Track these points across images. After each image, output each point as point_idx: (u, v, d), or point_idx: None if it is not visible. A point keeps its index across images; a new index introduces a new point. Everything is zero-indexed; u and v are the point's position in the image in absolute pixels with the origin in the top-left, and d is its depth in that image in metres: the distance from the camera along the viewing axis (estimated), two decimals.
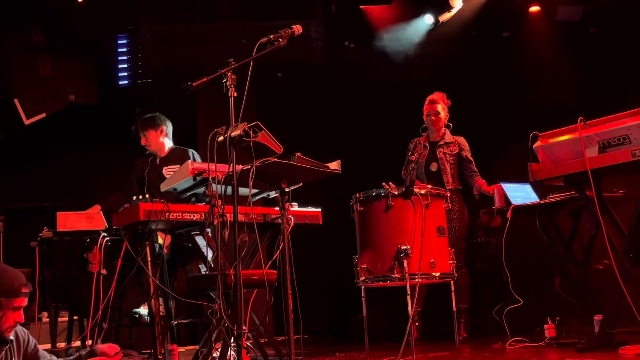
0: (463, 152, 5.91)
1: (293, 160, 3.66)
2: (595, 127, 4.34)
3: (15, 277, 3.16)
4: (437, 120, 5.89)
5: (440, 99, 5.92)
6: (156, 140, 5.66)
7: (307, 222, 4.86)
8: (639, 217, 4.32)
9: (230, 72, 3.49)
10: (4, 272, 3.14)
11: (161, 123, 5.71)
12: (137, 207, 4.21)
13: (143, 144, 5.67)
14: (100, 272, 4.52)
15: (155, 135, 5.66)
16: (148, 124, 5.66)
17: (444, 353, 4.78)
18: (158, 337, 4.47)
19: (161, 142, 5.68)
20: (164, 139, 5.70)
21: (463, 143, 5.96)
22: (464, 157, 5.91)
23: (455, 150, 5.89)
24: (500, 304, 5.25)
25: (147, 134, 5.64)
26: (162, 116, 5.78)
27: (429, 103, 5.94)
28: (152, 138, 5.65)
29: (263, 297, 4.40)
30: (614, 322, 4.37)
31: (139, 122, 5.70)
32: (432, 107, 5.91)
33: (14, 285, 3.13)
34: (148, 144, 5.67)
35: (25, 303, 3.19)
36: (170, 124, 5.81)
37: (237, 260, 3.37)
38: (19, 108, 7.07)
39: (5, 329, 3.13)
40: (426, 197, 3.79)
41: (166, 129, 5.73)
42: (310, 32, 6.94)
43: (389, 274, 3.69)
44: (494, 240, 6.41)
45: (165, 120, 5.76)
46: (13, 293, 3.12)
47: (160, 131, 5.68)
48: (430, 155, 5.92)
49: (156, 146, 5.67)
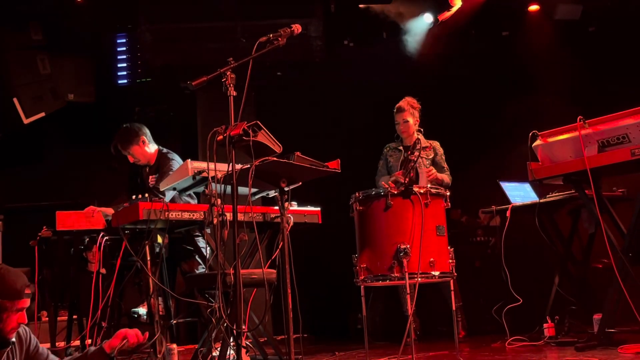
0: (437, 157, 5.86)
1: (292, 160, 3.65)
2: (594, 126, 4.35)
3: (17, 278, 3.15)
4: (405, 127, 5.85)
5: (408, 105, 5.86)
6: (143, 152, 5.48)
7: (306, 221, 4.86)
8: (638, 216, 4.32)
9: (229, 71, 3.49)
10: (6, 274, 3.13)
11: (139, 133, 5.46)
12: (136, 207, 4.20)
13: (132, 161, 5.53)
14: (99, 271, 4.52)
15: (139, 148, 5.46)
16: (129, 141, 5.44)
17: (444, 352, 4.79)
18: (157, 336, 4.46)
19: (147, 152, 5.50)
20: (148, 144, 5.50)
21: (437, 148, 5.88)
22: (437, 161, 5.85)
23: (430, 154, 5.85)
24: (499, 303, 5.25)
25: (131, 151, 5.46)
26: (134, 125, 5.53)
27: (396, 111, 5.90)
28: (138, 152, 5.47)
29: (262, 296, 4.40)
30: (613, 321, 4.38)
31: (117, 142, 5.46)
32: (400, 115, 5.87)
33: (17, 286, 3.12)
34: (137, 160, 5.51)
35: (27, 304, 3.18)
36: (145, 127, 5.56)
37: (237, 260, 3.37)
38: (18, 107, 7.07)
39: (9, 331, 3.13)
40: (425, 196, 3.79)
41: (146, 136, 5.50)
42: (310, 31, 6.94)
43: (389, 273, 3.69)
44: (493, 240, 6.41)
45: (140, 128, 5.51)
46: (17, 295, 3.11)
47: (142, 142, 5.46)
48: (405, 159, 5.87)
49: (145, 158, 5.51)
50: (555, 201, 5.26)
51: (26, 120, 7.12)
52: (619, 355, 3.93)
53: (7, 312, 3.08)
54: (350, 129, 7.74)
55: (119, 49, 7.90)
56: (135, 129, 5.47)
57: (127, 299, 5.14)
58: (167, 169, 5.31)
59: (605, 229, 4.37)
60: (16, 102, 7.07)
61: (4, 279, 3.10)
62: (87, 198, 5.52)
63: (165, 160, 5.44)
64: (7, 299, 3.08)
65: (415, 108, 5.90)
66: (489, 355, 4.52)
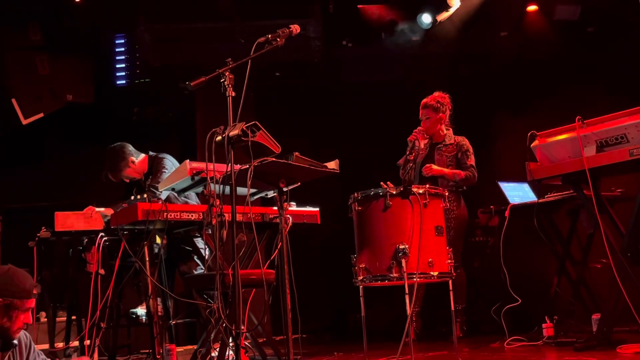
0: (460, 153, 5.82)
1: (291, 160, 3.66)
2: (593, 127, 4.35)
3: (26, 278, 3.20)
4: (427, 124, 5.83)
5: (434, 100, 5.83)
6: (135, 170, 5.47)
7: (305, 221, 4.86)
8: (637, 216, 4.33)
9: (228, 71, 3.49)
10: (15, 274, 3.18)
11: (126, 155, 5.41)
12: (135, 207, 4.21)
13: (128, 182, 5.50)
14: (98, 272, 4.52)
15: (131, 170, 5.44)
16: (118, 168, 5.39)
17: (442, 352, 4.79)
18: (156, 337, 4.47)
19: (139, 166, 5.48)
20: (137, 160, 5.47)
21: (462, 144, 5.83)
22: (460, 159, 5.81)
23: (453, 152, 5.82)
24: (498, 303, 5.26)
25: (124, 174, 5.44)
26: (116, 146, 5.44)
27: (421, 107, 5.87)
28: (131, 172, 5.46)
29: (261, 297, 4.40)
30: (612, 321, 4.38)
31: (108, 172, 5.41)
32: (423, 111, 5.84)
33: (26, 286, 3.18)
34: (133, 179, 5.50)
35: (34, 304, 3.23)
36: (126, 144, 5.47)
37: (236, 260, 3.37)
38: (17, 108, 7.06)
39: (15, 330, 3.16)
40: (424, 196, 3.79)
41: (132, 154, 5.44)
42: (308, 31, 6.94)
43: (387, 273, 3.69)
44: (492, 240, 6.41)
45: (122, 148, 5.43)
46: (26, 294, 3.17)
47: (132, 162, 5.43)
48: (428, 156, 5.88)
49: (140, 174, 5.50)
50: (554, 201, 5.27)
51: (25, 121, 7.11)
52: (617, 355, 3.93)
53: (17, 311, 3.14)
54: (349, 129, 7.74)
55: (117, 49, 7.90)
56: (119, 152, 5.41)
57: (126, 300, 5.14)
58: (160, 167, 5.32)
59: (603, 229, 4.37)
60: (15, 103, 7.06)
61: (13, 279, 3.16)
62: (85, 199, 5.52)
63: (157, 160, 5.44)
64: (17, 298, 3.13)
65: (443, 104, 5.84)
66: (488, 356, 4.52)
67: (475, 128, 6.95)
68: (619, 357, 3.89)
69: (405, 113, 6.44)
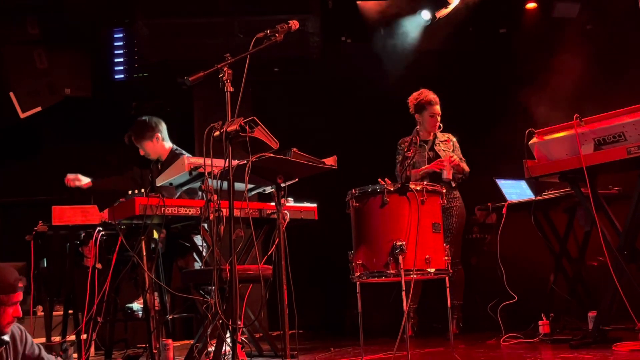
0: (454, 149, 5.91)
1: (289, 156, 3.66)
2: (590, 124, 4.35)
3: (10, 272, 3.19)
4: (435, 121, 5.86)
5: (436, 98, 5.88)
6: (155, 149, 5.47)
7: (302, 217, 4.87)
8: (634, 214, 4.34)
9: (226, 66, 3.49)
10: None
11: (155, 129, 5.43)
12: (132, 202, 4.20)
13: (142, 154, 5.49)
14: (95, 266, 4.52)
15: (152, 144, 5.45)
16: (143, 136, 5.41)
17: (439, 349, 4.80)
18: (153, 331, 4.47)
19: (160, 148, 5.48)
20: (162, 142, 5.48)
21: (453, 140, 5.96)
22: (454, 153, 5.89)
23: (450, 147, 5.90)
24: (494, 300, 5.27)
25: (144, 145, 5.44)
26: (153, 120, 5.48)
27: (429, 104, 5.86)
28: (151, 148, 5.46)
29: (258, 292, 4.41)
30: (608, 319, 4.39)
31: (132, 134, 5.43)
32: (434, 108, 5.85)
33: (11, 280, 3.17)
34: (147, 154, 5.48)
35: (21, 297, 3.23)
36: (163, 123, 5.55)
37: (233, 255, 3.37)
38: (15, 102, 7.05)
39: (5, 325, 3.16)
40: (422, 193, 3.79)
41: (161, 133, 5.47)
42: (307, 27, 6.93)
43: (384, 269, 3.69)
44: (489, 237, 6.42)
45: (157, 123, 5.48)
46: (11, 289, 3.16)
47: (157, 138, 5.44)
48: (430, 154, 5.90)
49: (156, 154, 5.49)
50: (551, 199, 5.27)
51: (22, 115, 7.11)
52: (613, 353, 3.94)
53: (4, 306, 3.13)
54: (347, 125, 7.74)
55: (115, 44, 7.88)
56: (152, 124, 5.44)
57: (123, 294, 5.14)
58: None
59: (600, 226, 4.38)
60: (12, 97, 7.05)
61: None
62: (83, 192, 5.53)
63: (177, 157, 5.40)
64: (2, 293, 3.13)
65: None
66: (483, 352, 4.53)
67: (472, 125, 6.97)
68: (614, 354, 3.90)
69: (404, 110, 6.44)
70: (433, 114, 5.84)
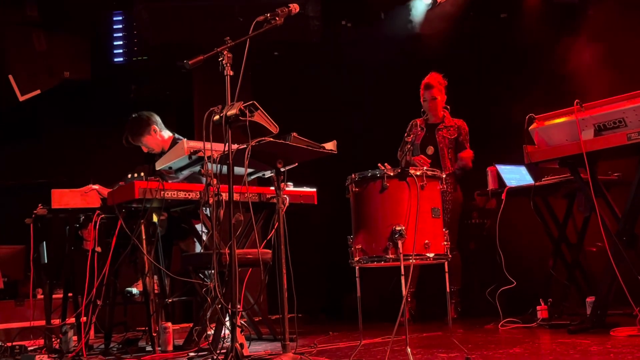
0: (460, 137, 5.90)
1: (289, 140, 3.65)
2: (591, 110, 4.34)
3: None
4: (434, 105, 5.86)
5: (436, 81, 5.86)
6: (156, 141, 5.34)
7: (302, 202, 4.87)
8: (633, 200, 4.34)
9: (226, 50, 3.47)
10: None
11: (150, 122, 5.29)
12: (132, 185, 4.21)
13: (146, 151, 5.39)
14: (94, 249, 4.52)
15: (152, 138, 5.31)
16: (140, 133, 5.27)
17: (437, 333, 4.82)
18: (152, 314, 4.48)
19: (160, 140, 5.36)
20: (161, 133, 5.36)
21: (462, 127, 5.93)
22: (461, 142, 5.90)
23: (454, 134, 5.88)
24: (493, 285, 5.28)
25: (144, 141, 5.31)
26: (144, 114, 5.33)
27: (425, 88, 5.87)
28: (151, 142, 5.33)
29: (258, 276, 4.42)
30: (606, 304, 4.41)
31: (128, 134, 5.27)
32: (429, 92, 5.86)
33: None
34: (151, 149, 5.36)
35: None
36: (155, 114, 5.39)
37: (232, 239, 3.37)
38: (14, 84, 7.03)
39: None
40: (421, 178, 3.79)
41: (157, 124, 5.34)
42: (307, 10, 6.90)
43: (384, 254, 3.69)
44: (489, 222, 6.43)
45: (150, 116, 5.33)
46: None
47: (154, 131, 5.30)
48: (427, 138, 5.90)
49: (159, 147, 5.36)
50: (550, 184, 5.27)
51: (21, 98, 7.09)
52: (611, 338, 3.96)
53: None
54: (347, 109, 7.72)
55: (115, 27, 7.85)
56: (144, 118, 5.30)
57: (123, 278, 5.15)
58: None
59: (600, 212, 4.39)
60: (11, 79, 7.03)
61: None
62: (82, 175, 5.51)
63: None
64: None
65: (442, 84, 5.88)
66: (482, 337, 4.55)
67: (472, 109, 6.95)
68: (612, 339, 3.92)
69: (404, 94, 6.43)
70: (428, 98, 5.84)
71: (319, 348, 4.24)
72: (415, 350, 3.37)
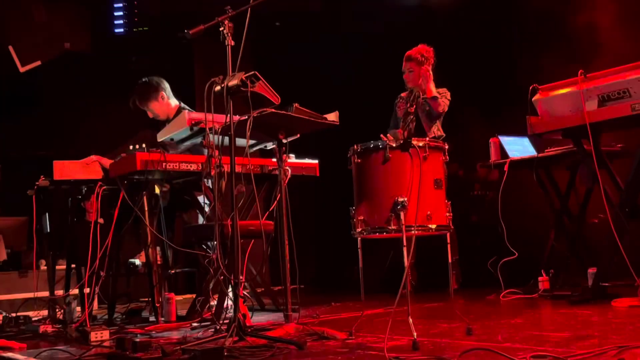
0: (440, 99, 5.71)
1: (291, 111, 3.63)
2: (595, 81, 4.31)
3: None
4: (409, 77, 5.78)
5: (418, 53, 5.75)
6: (162, 108, 5.30)
7: (304, 173, 4.86)
8: (636, 171, 4.32)
9: (227, 20, 3.44)
10: None
11: (159, 88, 5.28)
12: (133, 157, 4.20)
13: (151, 117, 5.34)
14: (97, 221, 4.52)
15: (158, 104, 5.28)
16: (148, 98, 5.25)
17: (439, 304, 4.84)
18: (155, 285, 4.51)
19: (166, 107, 5.33)
20: (168, 101, 5.33)
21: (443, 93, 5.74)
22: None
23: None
24: (495, 256, 5.29)
25: (150, 106, 5.28)
26: (154, 79, 5.32)
27: (405, 60, 5.79)
28: (158, 108, 5.30)
29: (260, 248, 4.43)
30: (607, 275, 4.42)
31: (135, 98, 5.27)
32: (406, 64, 5.79)
33: None
34: (156, 115, 5.32)
35: None
36: (165, 81, 5.39)
37: (234, 211, 3.37)
38: (14, 56, 6.99)
39: None
40: (424, 149, 3.77)
41: (165, 91, 5.31)
42: None
43: (386, 225, 3.69)
44: (491, 194, 6.42)
45: (159, 82, 5.32)
46: None
47: (162, 97, 5.28)
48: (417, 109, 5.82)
49: (164, 114, 5.32)
50: (553, 156, 5.25)
51: (22, 69, 7.05)
52: (612, 309, 3.97)
53: None
54: (350, 80, 7.68)
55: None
56: (154, 83, 5.28)
57: (125, 249, 5.16)
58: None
59: (602, 183, 4.37)
60: (12, 51, 6.98)
61: None
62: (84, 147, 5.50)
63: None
64: None
65: (428, 58, 5.77)
66: (483, 307, 4.57)
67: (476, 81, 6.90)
68: (613, 310, 3.93)
69: None
70: (405, 70, 5.78)
71: (321, 319, 4.26)
72: (417, 320, 3.39)
